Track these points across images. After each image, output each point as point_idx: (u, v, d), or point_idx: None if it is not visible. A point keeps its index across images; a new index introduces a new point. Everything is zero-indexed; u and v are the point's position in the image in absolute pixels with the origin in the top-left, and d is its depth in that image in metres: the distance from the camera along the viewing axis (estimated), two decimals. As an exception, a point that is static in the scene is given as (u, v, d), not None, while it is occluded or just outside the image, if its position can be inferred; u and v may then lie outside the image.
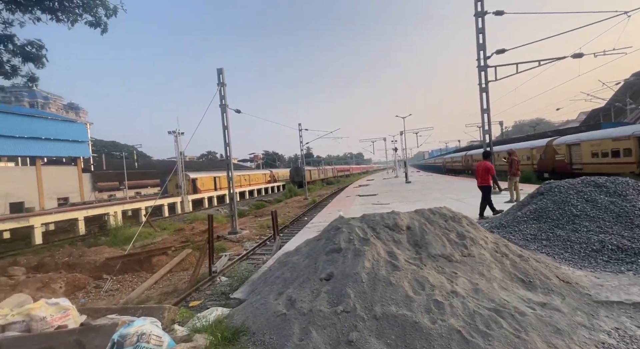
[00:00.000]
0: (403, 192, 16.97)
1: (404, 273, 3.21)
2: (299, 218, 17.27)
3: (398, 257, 3.44)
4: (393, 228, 3.94)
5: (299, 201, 27.13)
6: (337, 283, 3.23)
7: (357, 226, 4.01)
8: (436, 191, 15.66)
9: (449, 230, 4.02)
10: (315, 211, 18.64)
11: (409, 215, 4.20)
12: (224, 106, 13.06)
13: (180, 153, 28.44)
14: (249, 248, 10.73)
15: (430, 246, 3.68)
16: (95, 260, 9.18)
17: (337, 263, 3.49)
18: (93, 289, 7.84)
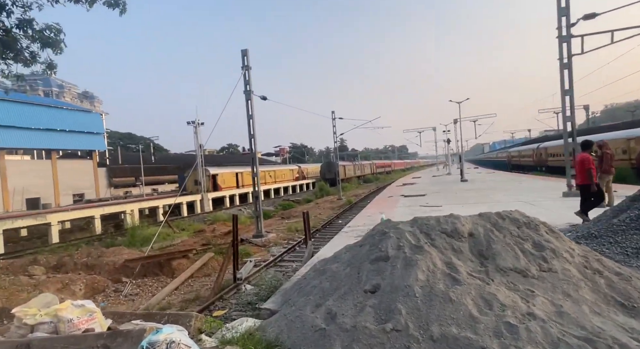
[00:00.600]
0: (458, 193, 16.50)
1: (466, 288, 3.13)
2: (333, 221, 17.35)
3: (459, 269, 3.37)
4: (452, 234, 3.86)
5: (332, 201, 27.31)
6: (385, 297, 3.25)
7: (408, 231, 3.97)
8: (500, 192, 15.04)
9: (523, 238, 3.85)
10: (351, 214, 18.64)
11: (472, 220, 4.09)
12: (249, 92, 13.43)
13: (199, 146, 29.85)
14: (276, 254, 10.94)
15: (498, 258, 3.55)
16: (114, 261, 10.04)
17: (384, 274, 3.50)
18: (112, 292, 8.61)
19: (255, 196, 14.21)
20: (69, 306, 4.09)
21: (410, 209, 11.96)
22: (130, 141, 68.76)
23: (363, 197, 27.93)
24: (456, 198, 14.00)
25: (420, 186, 23.28)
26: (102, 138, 35.17)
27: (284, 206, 26.49)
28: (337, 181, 29.31)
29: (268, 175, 40.99)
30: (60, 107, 32.29)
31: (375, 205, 14.93)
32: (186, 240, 14.75)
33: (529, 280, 3.36)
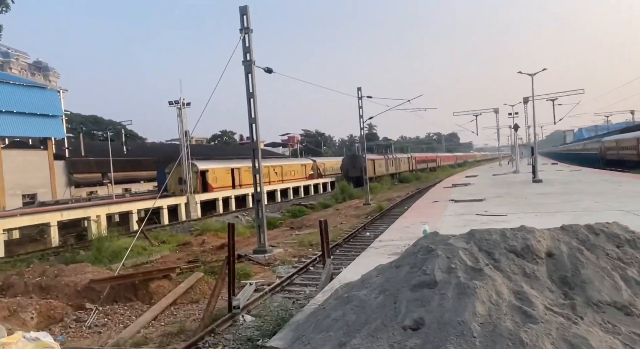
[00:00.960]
0: (530, 198, 16.26)
1: (544, 328, 3.07)
2: (358, 232, 17.41)
3: (533, 301, 3.32)
4: (523, 253, 3.81)
5: (357, 207, 27.37)
6: (431, 336, 3.23)
7: (462, 248, 3.95)
8: (590, 198, 14.75)
9: (625, 262, 3.76)
10: (382, 224, 18.67)
11: (551, 235, 4.04)
12: (250, 63, 13.52)
13: (184, 134, 30.37)
14: (284, 275, 11.05)
15: (590, 288, 3.48)
16: (75, 282, 10.36)
17: (429, 305, 3.48)
18: (73, 322, 8.87)
19: (256, 199, 14.30)
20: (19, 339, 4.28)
21: (462, 219, 11.85)
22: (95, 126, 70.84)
23: (398, 202, 27.88)
24: (527, 205, 13.76)
25: (476, 188, 23.01)
26: (59, 122, 36.25)
27: (294, 212, 26.79)
28: (364, 181, 29.21)
29: (273, 171, 41.45)
30: (6, 81, 33.36)
31: (414, 213, 14.91)
32: (167, 255, 15.07)
33: (634, 319, 3.26)
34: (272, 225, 21.43)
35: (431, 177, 57.53)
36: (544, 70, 29.71)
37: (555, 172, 33.28)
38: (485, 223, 10.52)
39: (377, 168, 51.42)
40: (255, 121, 13.78)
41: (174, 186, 31.99)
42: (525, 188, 20.65)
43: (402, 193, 36.36)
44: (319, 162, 54.41)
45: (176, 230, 23.56)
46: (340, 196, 34.59)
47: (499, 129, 59.84)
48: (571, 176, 27.19)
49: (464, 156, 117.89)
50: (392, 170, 58.37)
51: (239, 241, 16.74)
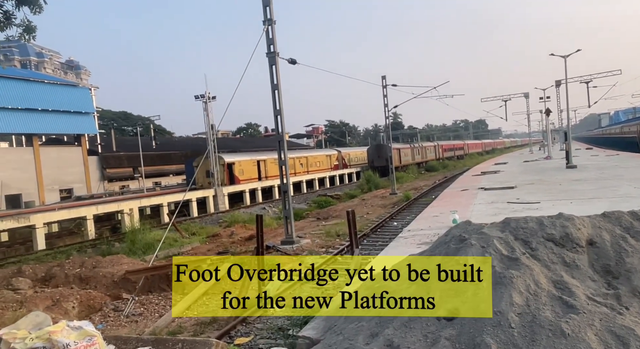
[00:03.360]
0: (564, 184, 15.87)
1: (586, 318, 3.00)
2: (385, 222, 17.40)
3: (574, 291, 3.26)
4: (562, 242, 3.74)
5: (383, 196, 27.36)
6: (467, 326, 3.19)
7: (497, 237, 3.89)
8: (628, 183, 14.29)
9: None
10: (410, 213, 18.60)
11: (592, 222, 3.95)
12: (274, 54, 13.52)
13: (211, 128, 30.79)
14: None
15: (635, 276, 3.39)
16: (112, 273, 10.75)
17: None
18: (111, 312, 9.22)
19: (283, 190, 14.40)
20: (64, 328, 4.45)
21: (493, 207, 11.66)
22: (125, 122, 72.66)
23: (426, 191, 27.69)
24: (561, 192, 13.43)
25: (506, 175, 22.54)
26: (92, 119, 37.33)
27: (320, 203, 26.85)
28: (390, 170, 28.97)
29: (299, 162, 41.60)
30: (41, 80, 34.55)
31: (443, 202, 14.80)
32: (198, 247, 15.40)
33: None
34: (299, 216, 21.52)
35: (459, 165, 56.76)
36: (578, 51, 28.48)
37: (590, 157, 32.12)
38: (518, 211, 10.37)
39: (402, 157, 50.91)
40: (280, 113, 13.82)
41: (202, 179, 32.55)
42: (559, 174, 20.13)
43: (429, 182, 36.06)
44: (343, 152, 54.18)
45: (205, 222, 24.00)
46: (366, 186, 34.45)
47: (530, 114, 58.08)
48: (607, 161, 26.24)
49: (493, 143, 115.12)
50: (419, 158, 57.67)
51: (266, 232, 16.80)
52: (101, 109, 46.97)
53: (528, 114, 57.62)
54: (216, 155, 31.00)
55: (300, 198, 33.62)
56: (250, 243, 13.63)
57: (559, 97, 37.17)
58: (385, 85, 27.53)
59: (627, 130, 62.03)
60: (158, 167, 43.93)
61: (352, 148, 66.02)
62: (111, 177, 39.94)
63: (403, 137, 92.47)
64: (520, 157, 44.81)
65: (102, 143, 41.35)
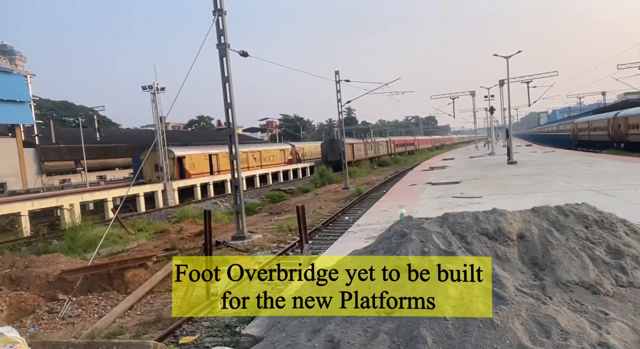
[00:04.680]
0: (504, 179, 16.64)
1: (514, 309, 3.14)
2: (337, 217, 17.56)
3: (504, 283, 3.39)
4: (495, 236, 3.89)
5: (336, 191, 27.54)
6: (405, 320, 3.26)
7: (436, 232, 4.00)
8: (562, 179, 15.16)
9: (593, 241, 3.87)
10: (361, 208, 18.87)
11: (522, 216, 4.12)
12: (224, 46, 13.23)
13: (159, 120, 29.74)
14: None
15: (559, 268, 3.57)
16: (47, 273, 10.11)
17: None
18: (45, 314, 8.68)
19: (234, 185, 14.25)
20: (-16, 333, 4.10)
21: (439, 202, 12.07)
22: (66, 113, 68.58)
23: (377, 186, 28.05)
24: (501, 187, 14.12)
25: (453, 170, 23.42)
26: (28, 109, 34.97)
27: (273, 198, 26.67)
28: (343, 165, 29.26)
29: (252, 157, 41.18)
30: (-29, 67, 31.89)
31: (393, 197, 15.13)
32: (144, 243, 14.85)
33: (601, 298, 3.38)
34: (251, 211, 21.37)
35: (409, 160, 58.17)
36: (519, 52, 30.04)
37: (529, 154, 34.12)
38: (461, 206, 10.79)
39: (356, 152, 51.54)
40: (231, 106, 13.62)
41: (150, 173, 31.40)
42: (500, 169, 21.13)
43: (381, 176, 36.61)
44: (297, 146, 54.18)
45: (153, 218, 23.21)
46: (319, 181, 34.55)
47: (476, 112, 60.78)
48: (544, 158, 27.91)
49: (442, 139, 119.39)
50: (371, 153, 58.57)
51: (217, 227, 16.59)
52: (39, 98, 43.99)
53: (474, 112, 60.31)
54: (165, 148, 29.99)
55: (254, 192, 33.26)
56: (200, 239, 13.30)
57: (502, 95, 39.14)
58: (338, 81, 27.67)
59: (563, 128, 66.54)
60: (103, 161, 41.89)
61: (306, 142, 66.15)
62: (50, 171, 37.59)
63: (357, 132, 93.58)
64: (466, 153, 46.74)
65: (40, 135, 38.82)
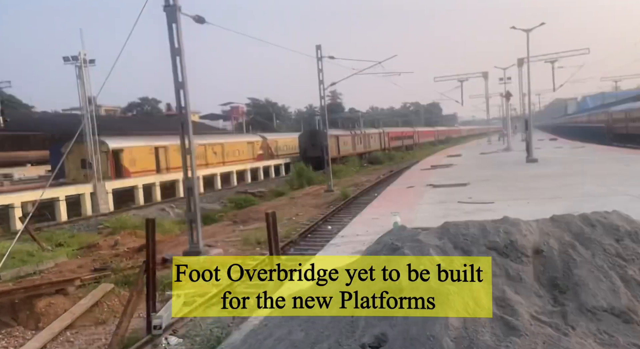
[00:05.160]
0: (522, 181, 16.93)
1: (529, 341, 3.13)
2: (318, 226, 17.65)
3: (517, 309, 3.40)
4: (506, 251, 3.90)
5: (317, 194, 27.58)
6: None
7: (434, 245, 3.99)
8: (592, 180, 15.52)
9: (626, 258, 3.90)
10: (347, 215, 18.93)
11: (539, 227, 4.15)
12: (174, 9, 13.08)
13: (88, 101, 29.04)
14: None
15: (583, 291, 3.60)
16: None
17: (394, 317, 3.49)
18: None
19: (187, 187, 14.17)
20: None
21: (442, 208, 12.24)
22: (-39, 91, 66.51)
23: (367, 188, 28.26)
24: (518, 190, 14.42)
25: (460, 170, 23.77)
26: None
27: (239, 202, 26.60)
28: (326, 162, 29.31)
29: (212, 151, 40.84)
30: None
31: (386, 201, 15.26)
32: (65, 262, 14.54)
33: (634, 327, 3.39)
34: (210, 219, 21.25)
35: (407, 157, 58.71)
36: (542, 24, 30.37)
37: (553, 150, 34.75)
38: (469, 213, 10.91)
39: (342, 147, 51.77)
40: (183, 86, 13.52)
41: (74, 171, 30.80)
42: (518, 169, 21.54)
43: (373, 176, 36.86)
44: (270, 139, 54.05)
45: (79, 229, 22.75)
46: (296, 182, 34.79)
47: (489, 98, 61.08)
48: (572, 155, 28.49)
49: (447, 131, 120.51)
50: (361, 148, 58.93)
51: (165, 240, 16.49)
52: None
53: (487, 98, 60.42)
54: (96, 138, 29.37)
55: (214, 196, 33.07)
56: (141, 255, 13.14)
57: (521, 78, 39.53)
58: (320, 57, 27.64)
59: (595, 119, 67.73)
60: (9, 154, 40.80)
61: (281, 134, 65.95)
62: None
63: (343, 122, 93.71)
64: (477, 148, 47.50)
65: None
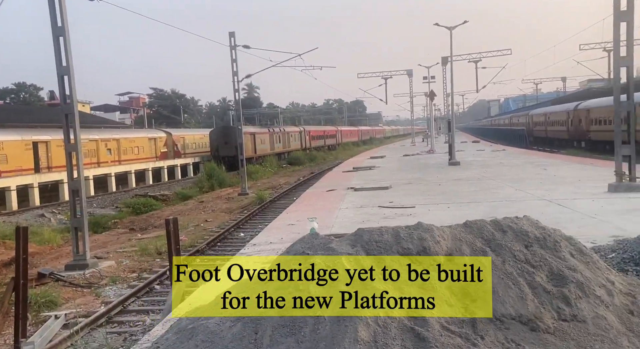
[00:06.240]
0: (444, 184, 17.80)
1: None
2: (229, 233, 17.63)
3: (428, 320, 3.47)
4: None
5: (230, 198, 27.52)
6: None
7: (346, 253, 4.00)
8: (510, 184, 16.52)
9: (534, 264, 4.10)
10: (262, 220, 19.05)
11: (452, 233, 4.28)
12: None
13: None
14: (112, 300, 10.81)
15: (493, 298, 3.74)
16: None
17: (301, 332, 3.48)
18: None
19: (71, 189, 13.70)
20: None
21: (362, 213, 12.52)
22: None
23: (286, 191, 28.48)
24: (440, 194, 15.16)
25: (382, 172, 24.52)
26: None
27: (137, 207, 25.99)
28: (240, 162, 29.06)
29: (105, 147, 39.62)
30: None
31: (304, 206, 15.42)
32: None
33: (540, 335, 3.54)
34: (101, 227, 20.82)
35: (329, 158, 59.79)
36: (465, 22, 32.05)
37: (475, 152, 36.95)
38: (389, 218, 11.31)
39: (258, 146, 51.80)
40: (68, 71, 13.05)
41: None
42: (440, 172, 22.76)
43: (292, 178, 37.18)
44: (176, 135, 53.25)
45: None
46: (206, 184, 34.49)
47: (413, 97, 63.75)
48: (493, 158, 30.43)
49: (371, 130, 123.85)
50: (280, 147, 59.23)
51: (44, 252, 15.84)
52: None
53: (411, 97, 63.06)
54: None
55: (107, 199, 32.21)
56: (10, 270, 12.37)
57: (445, 77, 41.39)
58: (234, 46, 27.61)
59: (517, 122, 72.47)
60: None
61: (190, 130, 65.35)
62: None
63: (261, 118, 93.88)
64: (400, 150, 49.46)
65: None
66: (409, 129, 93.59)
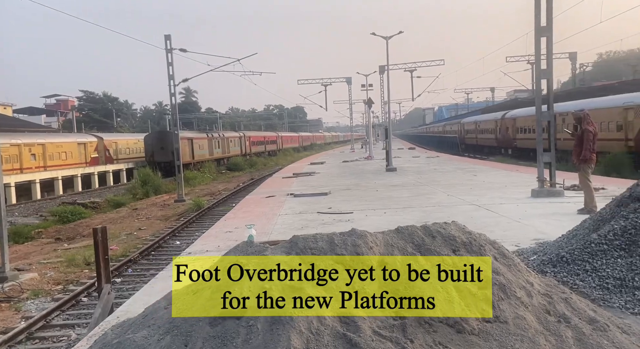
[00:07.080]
0: (380, 190, 18.41)
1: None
2: (164, 241, 17.58)
3: (360, 325, 3.52)
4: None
5: (165, 205, 27.45)
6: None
7: (280, 261, 4.03)
8: (443, 190, 17.26)
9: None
10: (199, 228, 19.09)
11: (385, 239, 4.38)
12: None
13: None
14: (35, 315, 10.58)
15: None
16: None
17: (233, 342, 3.47)
18: None
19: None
20: None
21: (301, 219, 12.73)
22: None
23: (224, 197, 28.53)
24: (377, 200, 15.66)
25: (322, 178, 24.98)
26: None
27: (64, 215, 25.34)
28: (177, 169, 28.62)
29: (29, 152, 38.43)
30: None
31: (242, 212, 15.40)
32: None
33: (465, 337, 3.68)
34: (23, 237, 20.24)
35: (270, 164, 60.30)
36: (401, 33, 33.24)
37: (411, 159, 38.28)
38: (327, 224, 11.53)
39: (196, 151, 51.47)
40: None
41: None
42: (377, 178, 23.41)
43: (231, 184, 37.33)
44: (108, 139, 52.14)
45: None
46: (140, 190, 34.15)
47: (352, 104, 65.43)
48: (427, 164, 31.59)
49: (312, 137, 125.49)
50: (218, 153, 58.89)
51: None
52: None
53: (350, 104, 64.71)
54: None
55: (30, 207, 31.10)
56: None
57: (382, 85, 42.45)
58: (170, 49, 27.48)
59: (449, 129, 75.43)
60: None
61: (123, 134, 64.26)
62: None
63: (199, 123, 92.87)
64: (340, 156, 50.60)
65: None
66: (348, 136, 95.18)
